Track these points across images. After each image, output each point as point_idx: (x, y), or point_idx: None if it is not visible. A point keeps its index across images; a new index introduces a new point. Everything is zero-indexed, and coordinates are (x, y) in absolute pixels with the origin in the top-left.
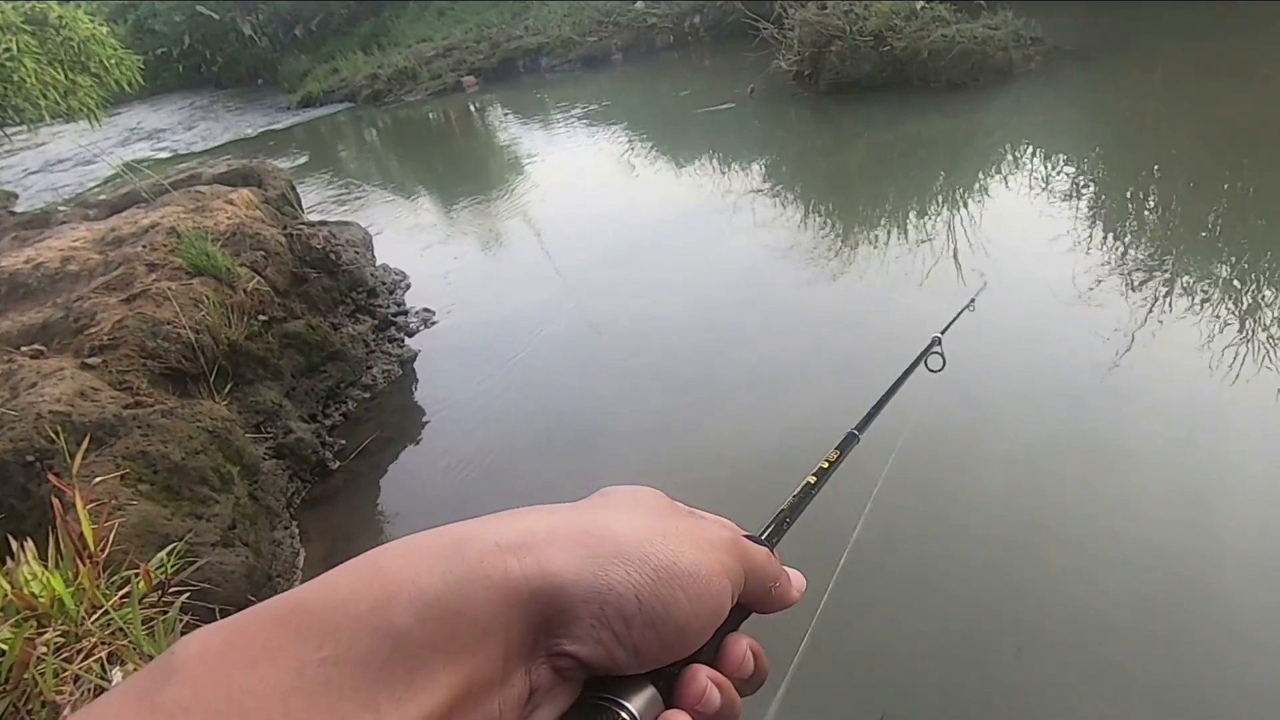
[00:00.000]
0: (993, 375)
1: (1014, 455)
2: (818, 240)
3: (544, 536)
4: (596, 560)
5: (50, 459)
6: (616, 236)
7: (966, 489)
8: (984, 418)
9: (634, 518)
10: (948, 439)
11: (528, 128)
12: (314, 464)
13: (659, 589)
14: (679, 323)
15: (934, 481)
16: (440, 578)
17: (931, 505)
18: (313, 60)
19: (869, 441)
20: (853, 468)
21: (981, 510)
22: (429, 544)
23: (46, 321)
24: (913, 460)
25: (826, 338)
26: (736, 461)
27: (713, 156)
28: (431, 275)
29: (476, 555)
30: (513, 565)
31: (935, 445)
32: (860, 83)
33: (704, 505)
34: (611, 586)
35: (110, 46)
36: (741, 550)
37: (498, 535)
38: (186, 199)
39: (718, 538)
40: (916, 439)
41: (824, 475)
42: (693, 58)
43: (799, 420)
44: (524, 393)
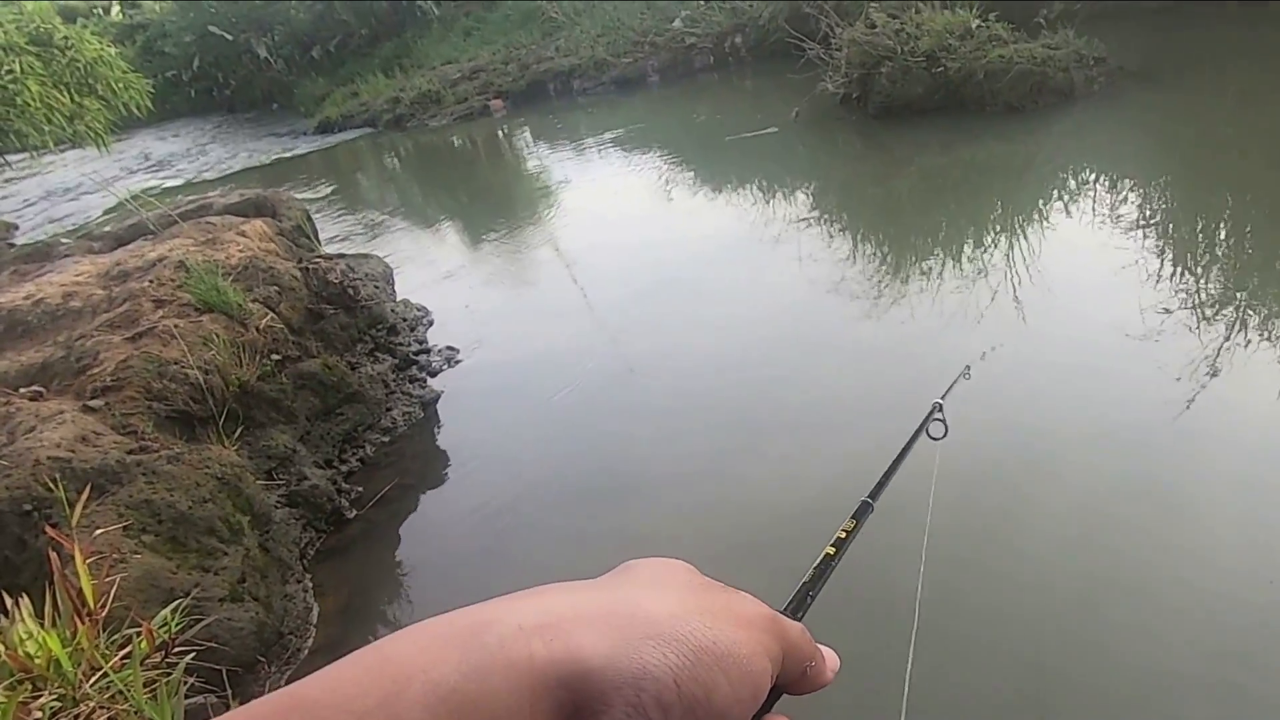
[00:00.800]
0: (1055, 416)
1: (1077, 502)
2: (866, 273)
3: (570, 616)
4: (629, 642)
5: (48, 509)
6: (652, 270)
7: (1026, 539)
8: (1045, 461)
9: (666, 594)
10: (1005, 485)
11: (558, 154)
12: (329, 513)
13: (699, 672)
14: (718, 362)
15: (992, 532)
16: (455, 667)
17: (990, 558)
18: (330, 83)
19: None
20: (906, 520)
21: (1043, 562)
22: (443, 630)
23: (46, 361)
24: (970, 509)
25: (875, 378)
26: (779, 508)
27: (755, 184)
28: (455, 311)
29: (497, 640)
30: (538, 649)
31: (992, 493)
32: (912, 106)
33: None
34: (647, 670)
35: (118, 68)
36: (779, 628)
37: (519, 617)
38: (196, 231)
39: (754, 614)
40: (972, 485)
41: (843, 545)
42: (733, 79)
43: (845, 466)
44: (554, 437)
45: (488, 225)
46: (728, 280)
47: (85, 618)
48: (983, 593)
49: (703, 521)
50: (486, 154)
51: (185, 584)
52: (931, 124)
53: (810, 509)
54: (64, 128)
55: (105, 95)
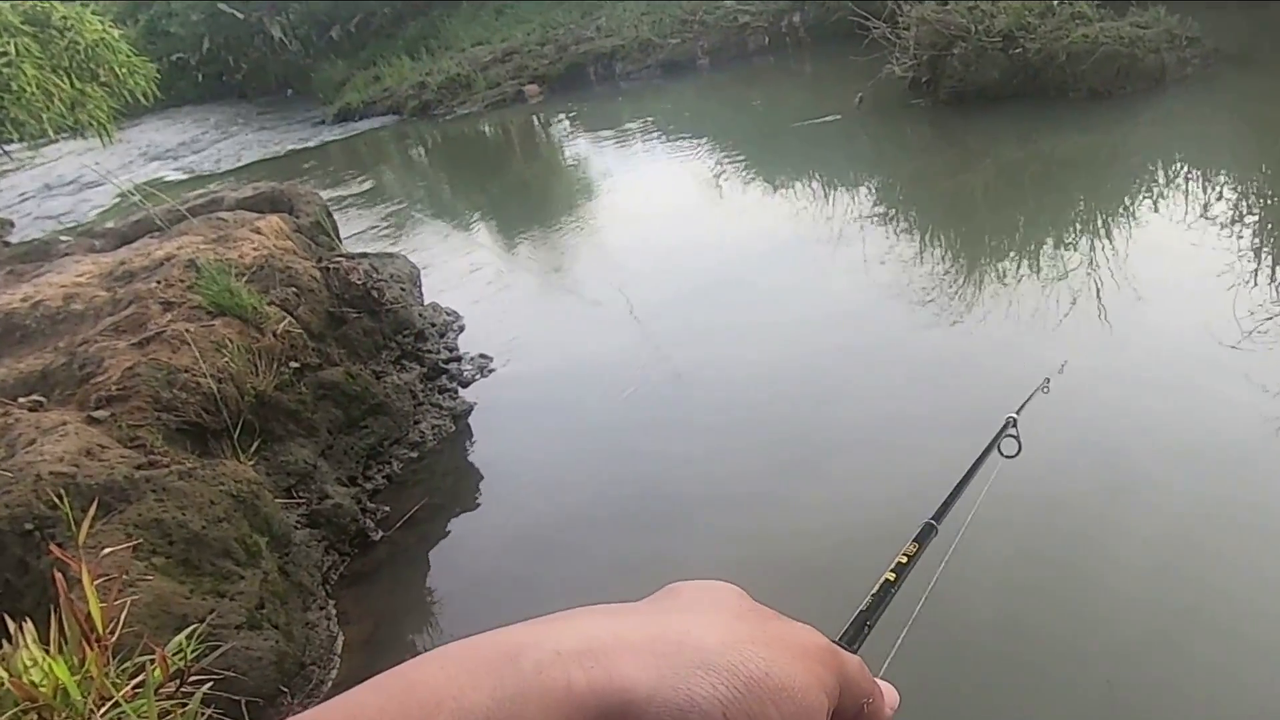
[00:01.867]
0: (1139, 432)
1: (1162, 528)
2: (936, 277)
3: (612, 642)
4: (675, 670)
5: (52, 527)
6: (702, 272)
7: (1105, 568)
8: (1126, 483)
9: (715, 620)
10: (1082, 508)
11: (599, 144)
12: (353, 534)
13: (749, 705)
14: (774, 373)
15: (1067, 559)
16: (489, 694)
17: (1064, 587)
18: (351, 67)
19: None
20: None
21: (1121, 593)
22: (474, 653)
23: (47, 369)
24: (1043, 533)
25: (944, 391)
26: (838, 532)
27: (814, 178)
28: (488, 316)
29: (533, 666)
30: (577, 677)
31: (1068, 516)
32: (986, 91)
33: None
34: (694, 702)
35: (122, 52)
36: (836, 661)
37: (557, 642)
38: (207, 227)
39: (810, 645)
40: (1046, 508)
41: (904, 571)
42: (791, 63)
43: (910, 486)
44: (595, 453)
45: (522, 222)
46: (784, 284)
47: (94, 644)
48: (1055, 624)
49: (755, 547)
50: (521, 144)
51: (199, 610)
52: (1008, 111)
53: (873, 532)
54: (64, 116)
55: (108, 81)
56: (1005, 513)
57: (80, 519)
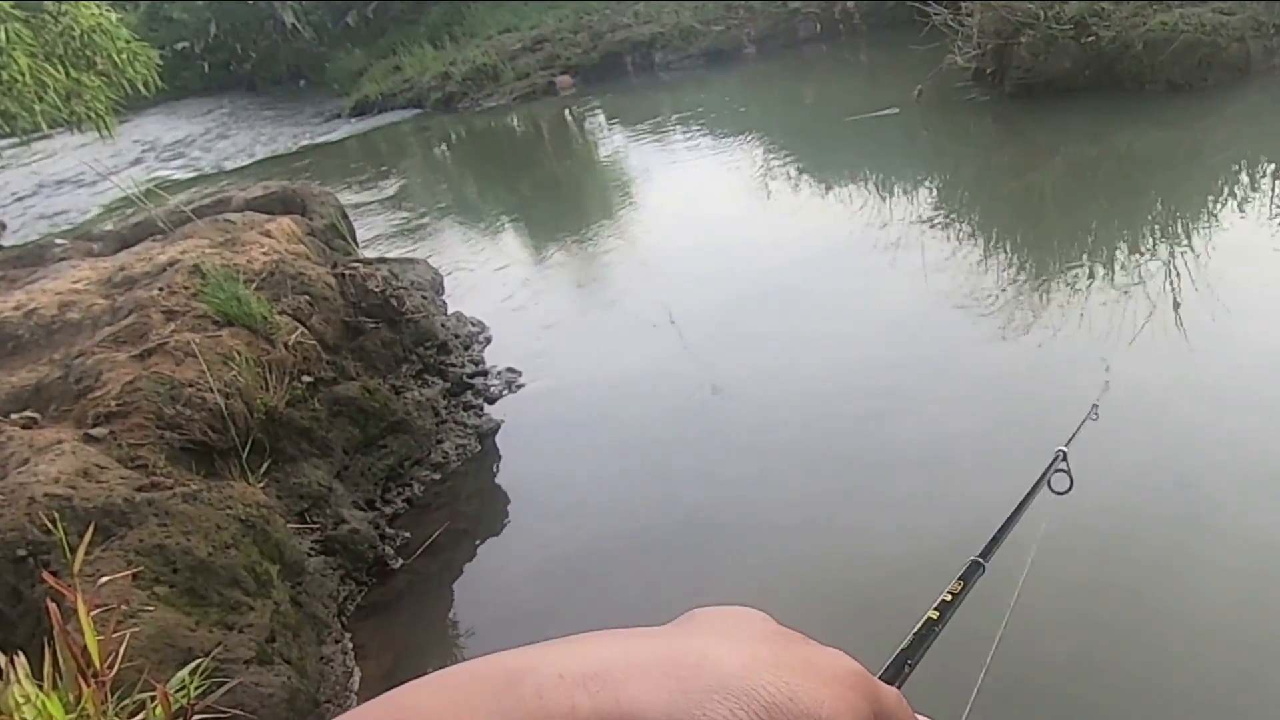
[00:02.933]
0: (1220, 454)
1: (1245, 557)
2: (1001, 284)
3: (621, 666)
4: (690, 695)
5: (46, 554)
6: (747, 279)
7: (1183, 601)
8: (1206, 508)
9: (736, 643)
10: (1159, 534)
11: (636, 140)
12: (371, 562)
13: None
14: (823, 389)
15: (1142, 592)
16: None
17: (1139, 622)
18: (369, 56)
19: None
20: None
21: (1202, 628)
22: (472, 678)
23: (41, 382)
24: (1117, 563)
25: (1009, 409)
26: (891, 565)
27: (869, 177)
28: (517, 326)
29: (534, 690)
30: (582, 702)
31: (1143, 543)
32: (1056, 83)
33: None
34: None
35: (121, 38)
36: (871, 688)
37: (562, 665)
38: (213, 230)
39: (841, 670)
40: (1118, 534)
41: (948, 609)
42: (844, 52)
43: (972, 514)
44: (630, 475)
45: (553, 224)
46: (835, 292)
47: (91, 679)
48: (1131, 664)
49: (799, 579)
50: (552, 140)
51: (205, 643)
52: (1079, 105)
53: (926, 565)
54: (58, 108)
55: (106, 70)
56: (1072, 542)
57: (77, 545)
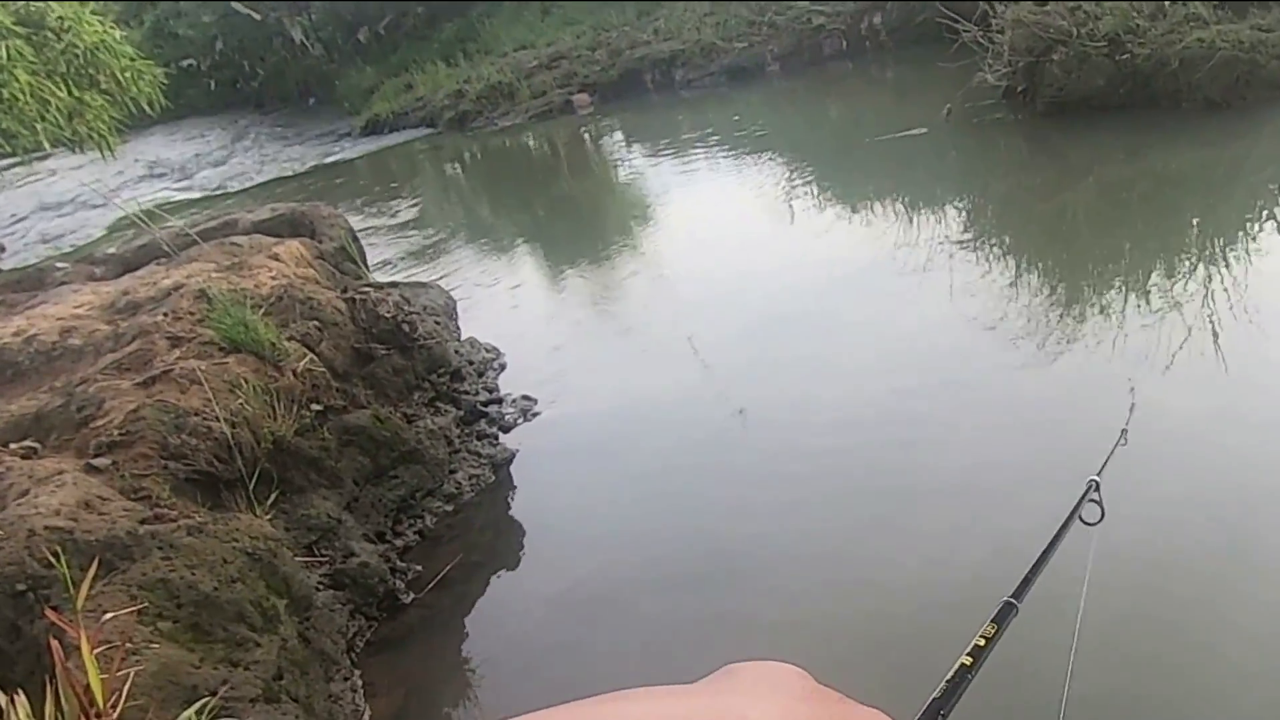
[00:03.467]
0: (1261, 482)
1: None
2: (1032, 309)
3: None
4: None
5: (47, 588)
6: (770, 302)
7: (1223, 635)
8: (1246, 539)
9: (773, 703)
10: (1198, 566)
11: (656, 159)
12: (382, 596)
13: None
14: (850, 415)
15: (1181, 626)
16: None
17: (1178, 657)
18: (380, 73)
19: None
20: None
21: (1243, 665)
22: None
23: (41, 411)
24: (1156, 597)
25: (1041, 437)
26: (921, 596)
27: (896, 198)
28: (532, 352)
29: None
30: None
31: (1182, 575)
32: (1090, 101)
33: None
34: None
35: (125, 55)
36: None
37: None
38: (219, 253)
39: None
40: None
41: (981, 654)
42: (870, 69)
43: (1007, 543)
44: (650, 506)
45: (571, 247)
46: (862, 317)
47: (94, 718)
48: (1172, 699)
49: (825, 612)
50: (569, 160)
51: (211, 680)
52: (1114, 124)
53: (958, 597)
54: (60, 127)
55: (109, 88)
56: (1110, 575)
57: (79, 579)
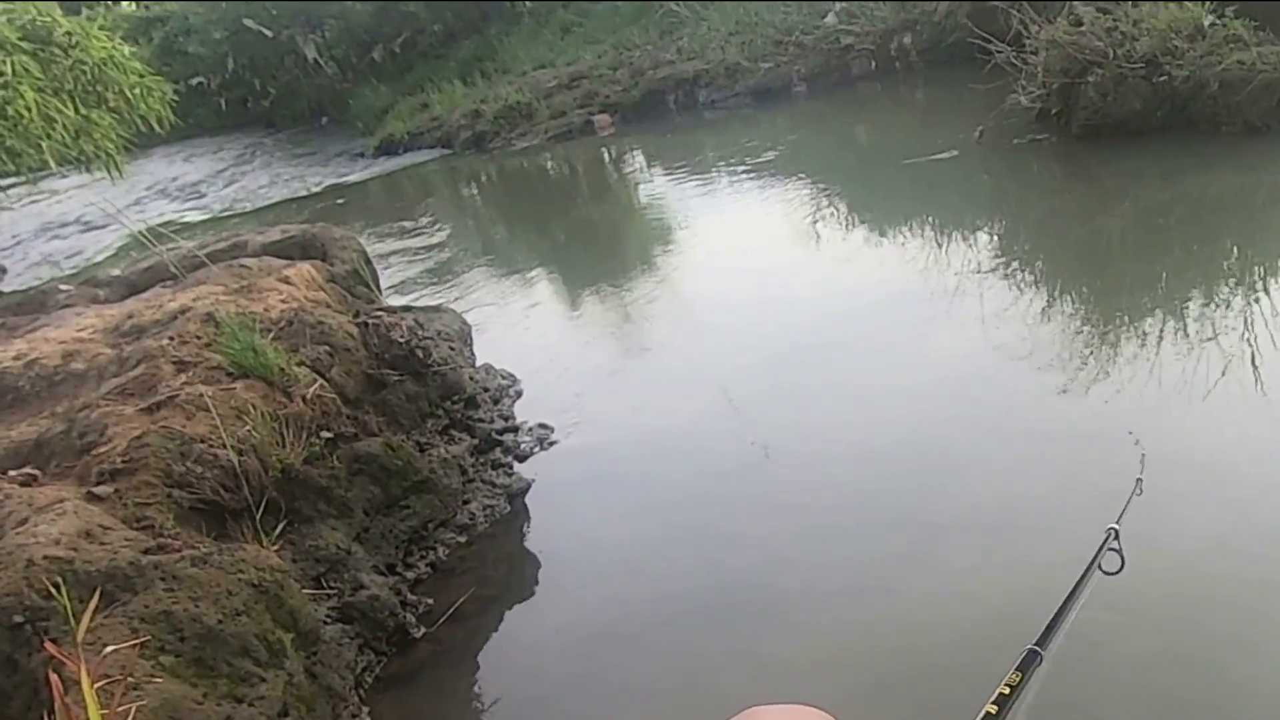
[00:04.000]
0: None
1: None
2: (1064, 337)
3: None
4: None
5: (46, 620)
6: (794, 331)
7: (1260, 673)
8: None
9: None
10: (1235, 601)
11: (679, 182)
12: (392, 631)
13: None
14: (877, 446)
15: (1214, 663)
16: None
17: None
18: (395, 92)
19: None
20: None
21: None
22: None
23: (42, 437)
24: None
25: (1073, 469)
26: (950, 633)
27: (926, 223)
28: (550, 379)
29: None
30: None
31: (1217, 610)
32: (1126, 124)
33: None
34: None
35: (134, 72)
36: None
37: None
38: (228, 276)
39: None
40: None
41: (1007, 703)
42: (900, 89)
43: (1038, 579)
44: (670, 538)
45: (590, 272)
46: (889, 344)
47: None
48: None
49: (850, 649)
50: (588, 182)
51: (214, 717)
52: (1151, 147)
53: (984, 634)
54: (67, 145)
55: (117, 106)
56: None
57: (79, 611)
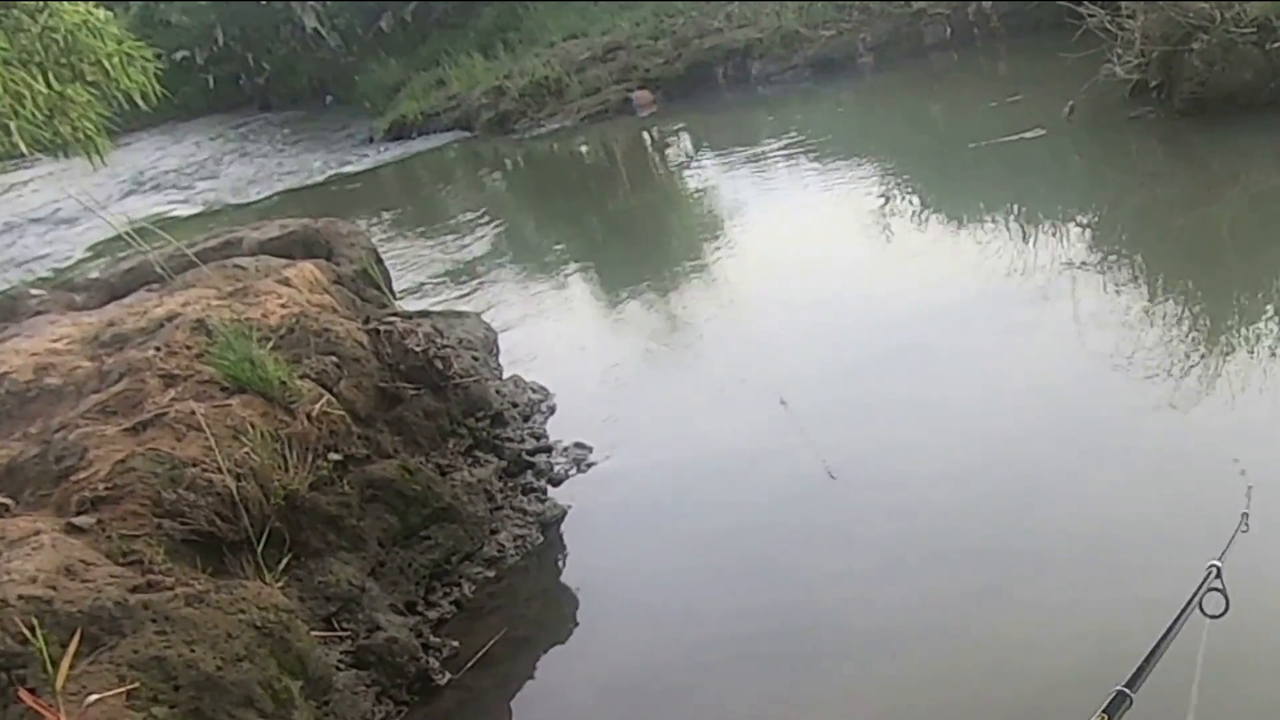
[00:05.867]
0: None
1: None
2: (1168, 342)
3: None
4: None
5: (22, 667)
6: (863, 335)
7: None
8: None
9: None
10: None
11: (730, 167)
12: (412, 677)
13: None
14: (956, 468)
15: None
16: None
17: None
18: (407, 67)
19: None
20: None
21: None
22: None
23: (14, 462)
24: None
25: (1180, 494)
26: (1035, 677)
27: (1010, 212)
28: (586, 393)
29: None
30: None
31: None
32: (1236, 98)
33: None
34: None
35: (112, 38)
36: None
37: None
38: (221, 277)
39: None
40: None
41: None
42: (980, 60)
43: (1133, 617)
44: (721, 572)
45: (630, 270)
46: (969, 351)
47: None
48: None
49: (922, 694)
50: (627, 168)
51: None
52: (1264, 124)
53: (1073, 679)
54: (39, 126)
55: (96, 79)
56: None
57: (58, 656)
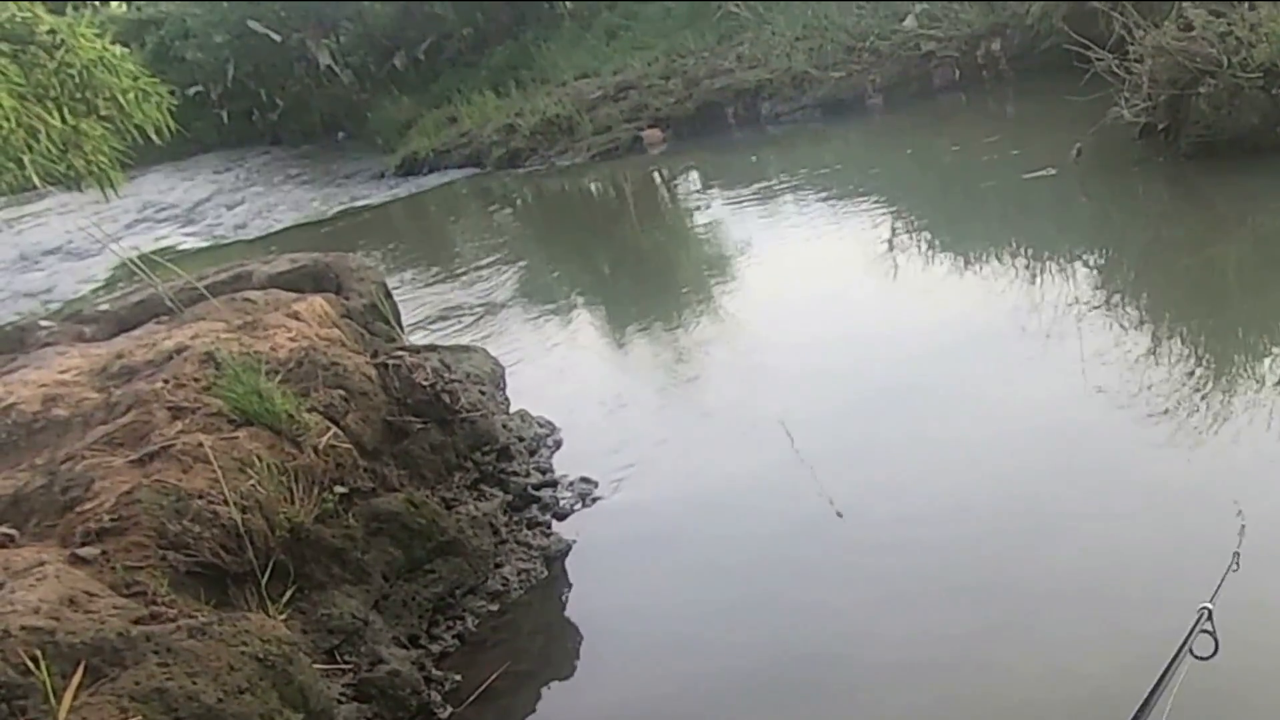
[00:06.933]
0: None
1: None
2: (1175, 382)
3: None
4: None
5: (24, 699)
6: (868, 373)
7: None
8: None
9: None
10: None
11: (738, 206)
12: (415, 711)
13: None
14: (963, 503)
15: None
16: None
17: None
18: (419, 105)
19: None
20: None
21: None
22: None
23: (20, 492)
24: None
25: (1185, 532)
26: (1041, 713)
27: (1018, 252)
28: (592, 428)
29: None
30: None
31: None
32: (1242, 142)
33: None
34: None
35: (127, 75)
36: None
37: None
38: (229, 310)
39: None
40: None
41: None
42: (988, 102)
43: (1137, 654)
44: (729, 607)
45: (638, 307)
46: (976, 389)
47: None
48: None
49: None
50: (637, 206)
51: None
52: (1271, 167)
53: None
54: (53, 160)
55: (110, 114)
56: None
57: (61, 688)
